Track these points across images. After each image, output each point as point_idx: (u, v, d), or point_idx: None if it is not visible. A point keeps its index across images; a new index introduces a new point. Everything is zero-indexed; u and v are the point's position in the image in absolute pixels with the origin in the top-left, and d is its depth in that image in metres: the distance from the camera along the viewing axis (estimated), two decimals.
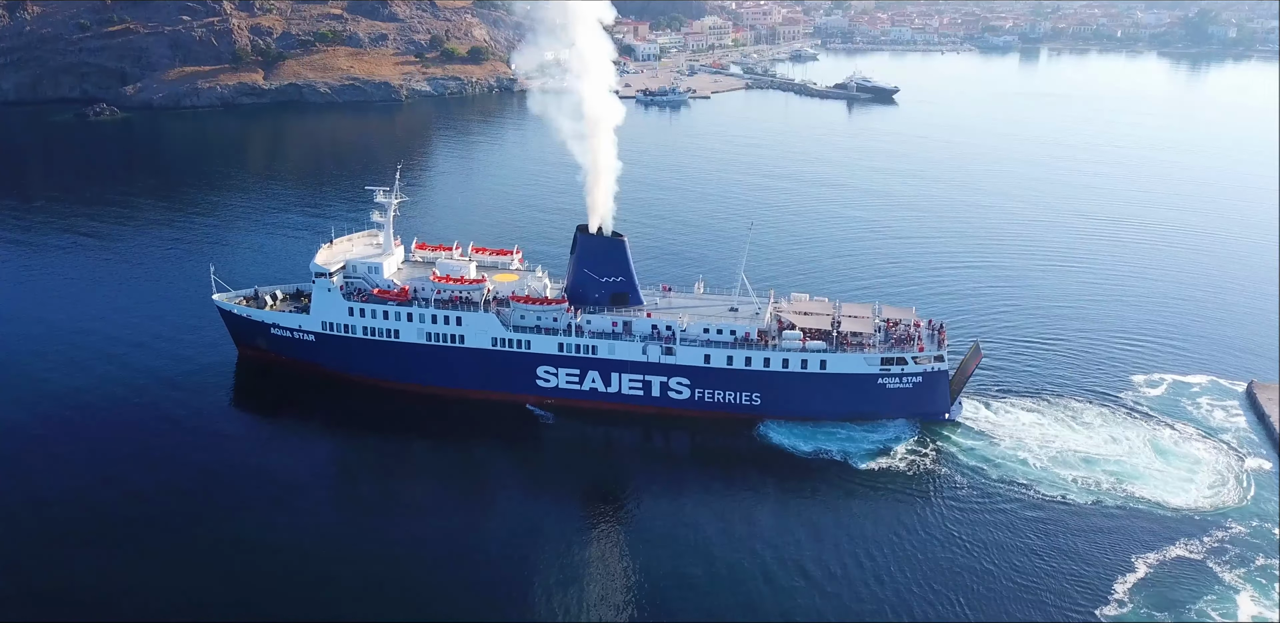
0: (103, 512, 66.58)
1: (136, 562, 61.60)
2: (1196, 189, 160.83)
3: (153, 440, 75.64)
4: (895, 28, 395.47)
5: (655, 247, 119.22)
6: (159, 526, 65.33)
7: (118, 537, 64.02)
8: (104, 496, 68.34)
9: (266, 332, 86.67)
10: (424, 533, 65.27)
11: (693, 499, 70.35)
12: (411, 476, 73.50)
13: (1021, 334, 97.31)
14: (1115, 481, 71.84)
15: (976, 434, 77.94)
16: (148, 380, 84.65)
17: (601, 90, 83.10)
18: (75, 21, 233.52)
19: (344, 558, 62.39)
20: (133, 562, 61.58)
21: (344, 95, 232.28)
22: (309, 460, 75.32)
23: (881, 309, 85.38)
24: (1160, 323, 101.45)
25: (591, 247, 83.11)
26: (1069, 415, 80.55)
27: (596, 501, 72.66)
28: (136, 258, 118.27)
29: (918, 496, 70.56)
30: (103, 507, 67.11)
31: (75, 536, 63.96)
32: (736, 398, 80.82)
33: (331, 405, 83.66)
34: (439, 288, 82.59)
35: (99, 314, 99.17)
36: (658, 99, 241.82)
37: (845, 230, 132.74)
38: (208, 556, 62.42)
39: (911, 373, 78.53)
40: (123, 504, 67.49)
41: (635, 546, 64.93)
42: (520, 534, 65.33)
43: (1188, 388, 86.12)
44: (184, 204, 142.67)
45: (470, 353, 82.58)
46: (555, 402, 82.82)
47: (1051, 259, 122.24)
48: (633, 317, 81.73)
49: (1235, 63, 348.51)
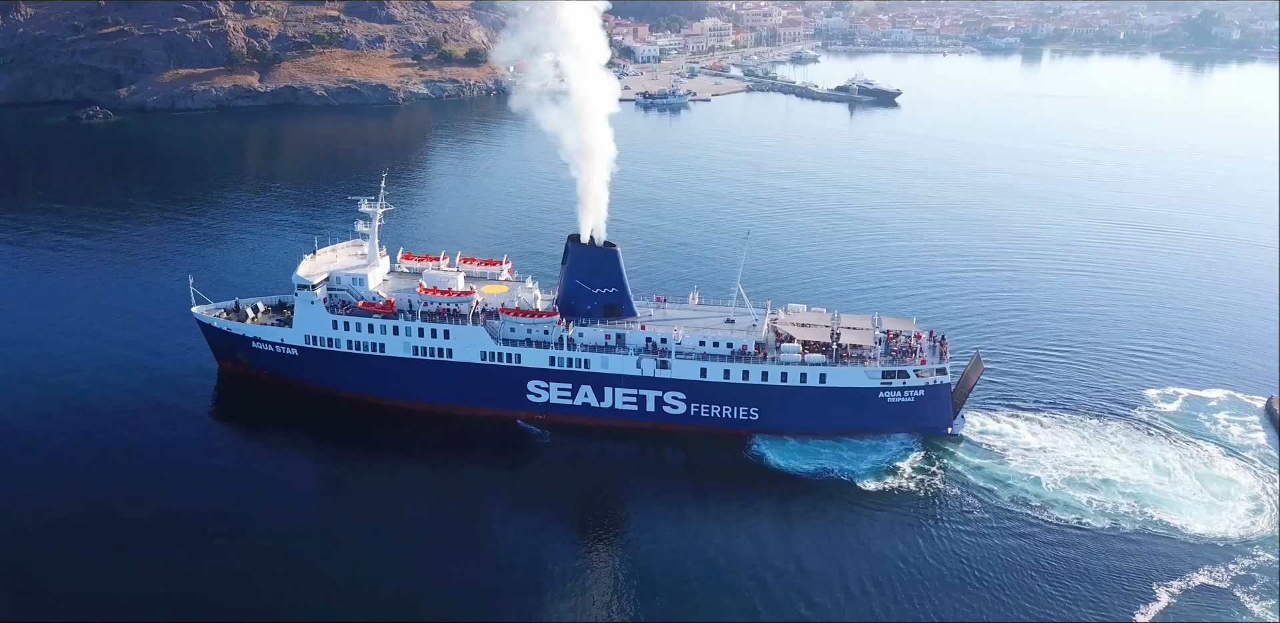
0: (73, 536, 63.85)
1: (113, 591, 59.11)
2: (1211, 193, 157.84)
3: (127, 461, 72.96)
4: (896, 29, 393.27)
5: (649, 255, 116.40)
6: (133, 552, 62.78)
7: (94, 565, 61.36)
8: (74, 520, 65.61)
9: (247, 346, 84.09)
10: (413, 556, 62.97)
11: (690, 519, 67.95)
12: (399, 495, 70.97)
13: (1027, 345, 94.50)
14: (1133, 503, 68.95)
15: (985, 452, 75.21)
16: (121, 396, 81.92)
17: (595, 92, 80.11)
18: (69, 23, 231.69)
19: (330, 581, 60.15)
20: (108, 592, 59.04)
21: (340, 98, 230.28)
22: (291, 481, 72.70)
23: (881, 320, 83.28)
24: (1173, 333, 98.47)
25: (583, 257, 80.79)
26: (1081, 432, 77.72)
27: (590, 520, 70.35)
28: (117, 267, 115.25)
29: (925, 518, 67.74)
30: (72, 532, 64.38)
31: (41, 563, 61.33)
32: (734, 413, 78.59)
33: (315, 422, 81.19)
34: (426, 300, 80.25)
35: (73, 326, 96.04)
36: (657, 102, 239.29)
37: (844, 237, 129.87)
38: (187, 581, 60.06)
39: (913, 386, 76.47)
40: (95, 529, 64.85)
41: (630, 568, 62.70)
42: (511, 555, 63.25)
43: (1204, 403, 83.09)
44: (171, 210, 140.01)
45: (458, 367, 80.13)
46: (547, 418, 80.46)
47: (1056, 266, 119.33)
48: (626, 329, 79.44)
49: (1239, 65, 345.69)
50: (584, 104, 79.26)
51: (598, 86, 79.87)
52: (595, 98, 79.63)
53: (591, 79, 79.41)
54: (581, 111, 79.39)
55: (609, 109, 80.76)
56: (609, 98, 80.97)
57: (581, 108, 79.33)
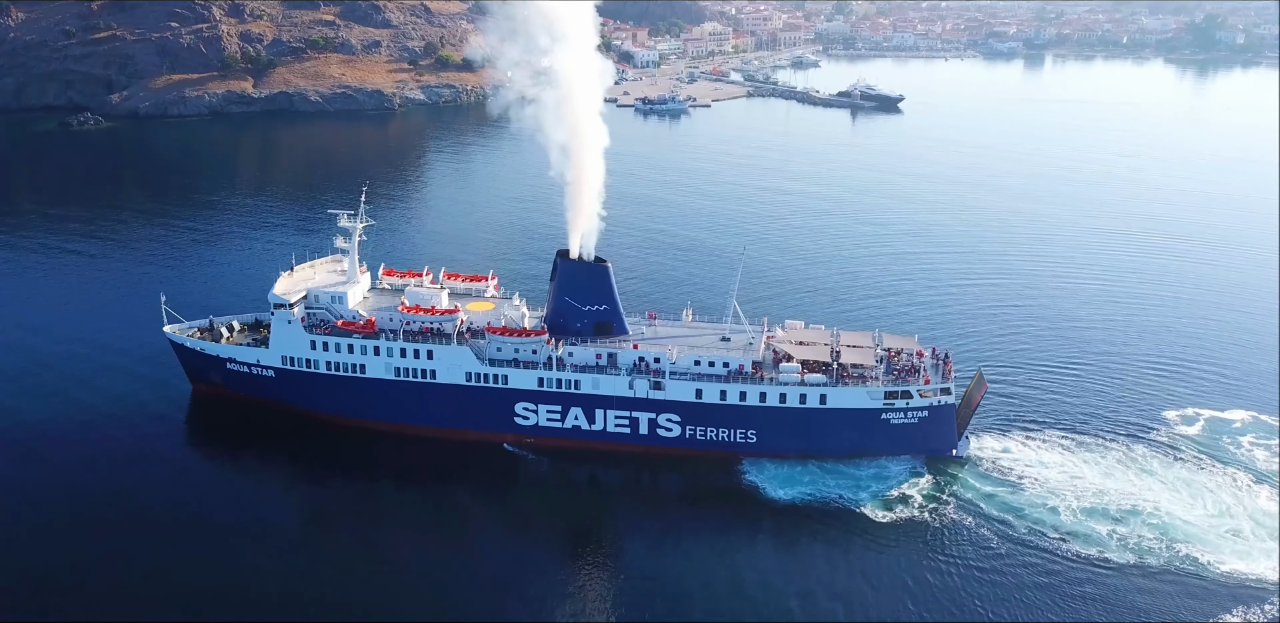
0: (36, 567, 60.83)
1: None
2: (1229, 200, 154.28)
3: (97, 486, 69.67)
4: (898, 33, 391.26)
5: (640, 269, 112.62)
6: (105, 580, 59.95)
7: (59, 591, 58.48)
8: (39, 550, 62.52)
9: (222, 367, 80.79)
10: (395, 586, 60.01)
11: (686, 550, 64.60)
12: (380, 523, 67.72)
13: (1037, 360, 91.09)
14: (1159, 536, 64.87)
15: (997, 478, 71.52)
16: (92, 418, 78.50)
17: (587, 97, 76.70)
18: (61, 28, 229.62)
19: (308, 610, 57.39)
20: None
21: (335, 104, 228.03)
22: (270, 506, 69.50)
23: (882, 337, 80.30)
24: (1190, 350, 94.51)
25: (573, 273, 77.71)
26: (1098, 456, 74.04)
27: (580, 550, 67.04)
28: (88, 282, 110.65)
29: (936, 551, 63.99)
30: (38, 561, 61.37)
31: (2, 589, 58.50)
32: (730, 436, 75.60)
33: (294, 446, 77.85)
34: (408, 319, 77.00)
35: (37, 345, 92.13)
36: (657, 107, 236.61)
37: (843, 249, 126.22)
38: (157, 607, 57.41)
39: (917, 407, 73.65)
40: (61, 558, 61.81)
41: (623, 602, 59.75)
42: (497, 586, 60.40)
43: (1227, 425, 79.12)
44: (149, 222, 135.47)
45: (443, 389, 76.92)
46: (535, 441, 77.34)
47: (1065, 279, 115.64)
48: (618, 348, 76.45)
49: (1244, 69, 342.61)
50: (573, 109, 75.96)
51: (588, 90, 76.51)
52: (585, 102, 76.26)
53: (581, 81, 76.06)
54: (570, 118, 76.05)
55: (600, 112, 77.43)
56: (599, 100, 77.70)
57: (569, 113, 76.02)
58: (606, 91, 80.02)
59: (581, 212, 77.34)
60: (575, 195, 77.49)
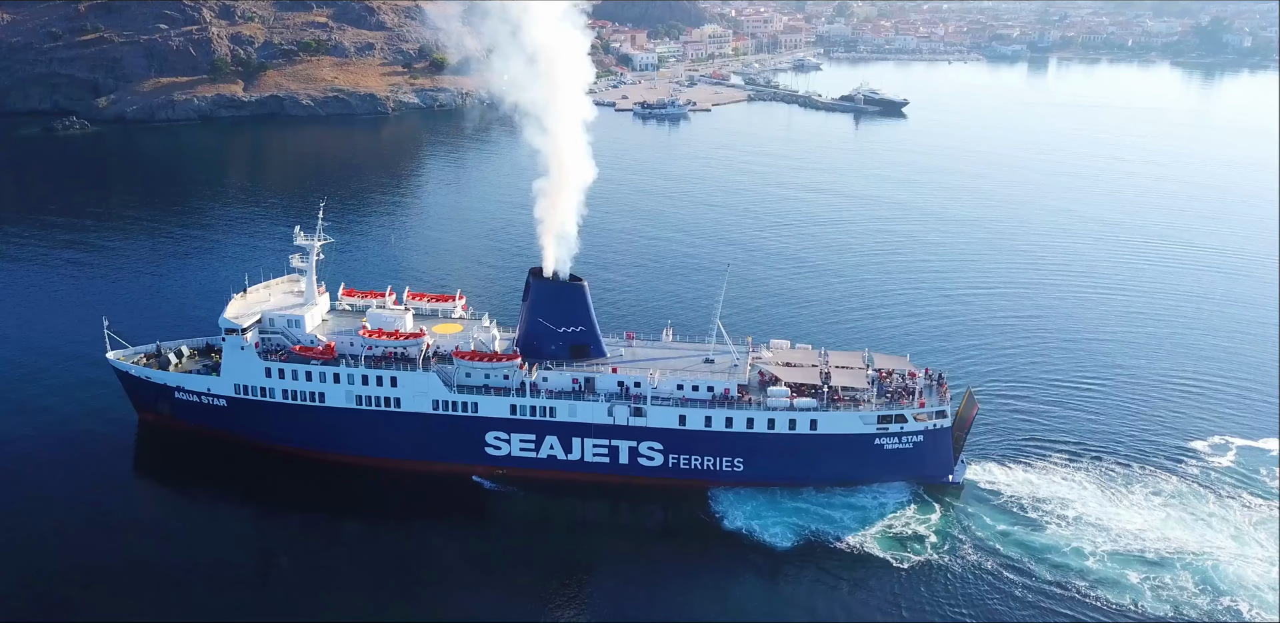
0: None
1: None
2: (1248, 207, 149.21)
3: (37, 522, 65.61)
4: (900, 36, 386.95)
5: (617, 284, 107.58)
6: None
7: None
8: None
9: (170, 396, 76.23)
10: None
11: (670, 590, 60.82)
12: (341, 560, 63.69)
13: (1037, 382, 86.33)
14: (1198, 582, 59.77)
15: (1015, 515, 66.50)
16: (28, 449, 73.95)
17: (565, 102, 72.21)
18: (46, 30, 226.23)
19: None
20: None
21: (327, 107, 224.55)
22: (222, 544, 65.02)
23: (873, 358, 76.15)
24: (1214, 371, 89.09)
25: (547, 292, 73.56)
26: (1123, 489, 69.11)
27: (555, 588, 62.76)
28: (30, 299, 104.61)
29: (949, 600, 59.01)
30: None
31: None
32: (716, 464, 71.71)
33: (248, 480, 73.65)
34: (370, 343, 72.74)
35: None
36: (656, 112, 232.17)
37: (831, 261, 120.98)
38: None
39: (912, 432, 70.09)
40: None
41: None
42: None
43: (1262, 455, 73.93)
44: (105, 235, 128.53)
45: (407, 418, 72.73)
46: (508, 472, 73.28)
47: (1072, 292, 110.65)
48: (595, 372, 72.38)
49: (1252, 73, 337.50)
50: (550, 114, 71.60)
51: (568, 92, 72.20)
52: (565, 106, 71.88)
53: (560, 82, 71.74)
54: (548, 123, 71.63)
55: (583, 119, 73.05)
56: (581, 105, 73.28)
57: (547, 119, 71.66)
58: (604, 95, 74.97)
59: (556, 227, 72.91)
60: (549, 209, 73.23)
